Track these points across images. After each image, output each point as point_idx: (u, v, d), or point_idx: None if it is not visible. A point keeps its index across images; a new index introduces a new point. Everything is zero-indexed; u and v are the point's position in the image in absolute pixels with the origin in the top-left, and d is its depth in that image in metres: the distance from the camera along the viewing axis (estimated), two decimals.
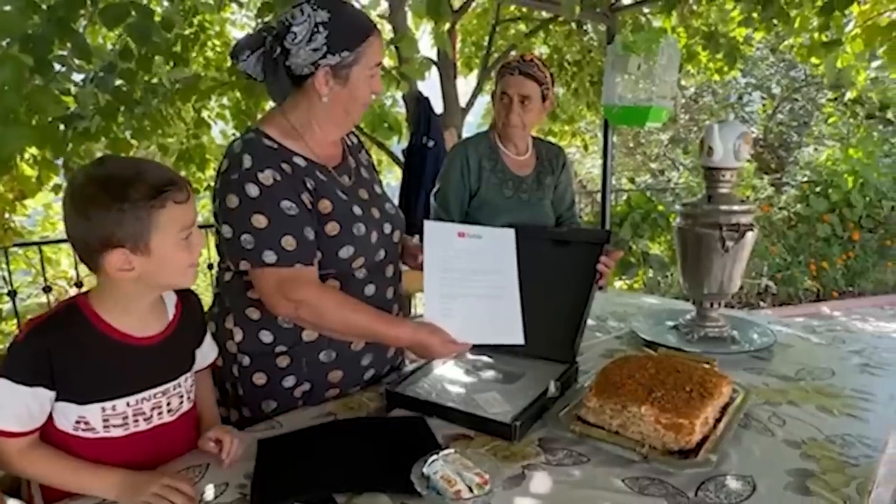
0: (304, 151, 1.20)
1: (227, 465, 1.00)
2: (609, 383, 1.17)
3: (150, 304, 0.98)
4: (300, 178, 1.16)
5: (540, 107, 1.80)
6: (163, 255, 0.90)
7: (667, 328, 1.73)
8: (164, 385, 0.99)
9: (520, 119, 1.77)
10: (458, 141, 1.92)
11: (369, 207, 1.27)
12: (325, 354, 1.24)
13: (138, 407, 0.96)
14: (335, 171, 1.25)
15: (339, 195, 1.21)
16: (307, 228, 1.14)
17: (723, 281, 1.61)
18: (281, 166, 1.14)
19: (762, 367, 1.46)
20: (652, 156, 9.40)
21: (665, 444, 1.05)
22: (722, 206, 1.58)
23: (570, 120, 5.60)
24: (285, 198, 1.12)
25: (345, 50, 1.13)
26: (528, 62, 1.78)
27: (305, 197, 1.16)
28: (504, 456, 1.05)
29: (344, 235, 1.19)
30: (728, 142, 1.54)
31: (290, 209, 1.13)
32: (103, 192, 0.86)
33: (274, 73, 1.17)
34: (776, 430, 1.14)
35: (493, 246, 1.35)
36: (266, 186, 1.11)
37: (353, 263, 1.22)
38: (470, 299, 1.26)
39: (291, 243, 1.12)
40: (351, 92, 1.17)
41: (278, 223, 1.11)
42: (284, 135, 1.20)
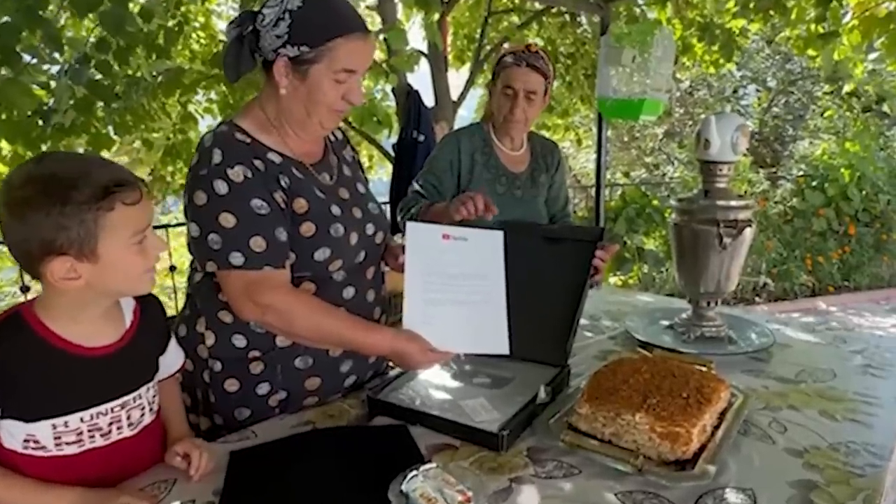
0: (279, 147, 1.14)
1: (195, 481, 0.94)
2: (602, 389, 1.11)
3: (103, 312, 0.91)
4: (273, 175, 1.10)
5: (542, 101, 1.73)
6: (113, 261, 0.83)
7: (662, 328, 1.68)
8: (122, 397, 0.93)
9: (523, 114, 1.70)
10: (451, 131, 1.84)
11: (350, 207, 1.21)
12: (300, 360, 1.17)
13: (94, 422, 0.90)
14: (314, 168, 1.18)
15: (316, 194, 1.15)
16: (279, 229, 1.08)
17: (720, 279, 1.55)
18: (253, 162, 1.07)
19: (761, 368, 1.41)
20: (647, 150, 9.35)
21: (660, 453, 0.99)
22: (719, 201, 1.52)
23: (564, 113, 5.54)
24: (256, 196, 1.06)
25: (304, 44, 1.05)
26: (534, 53, 1.69)
27: (279, 195, 1.09)
28: (490, 468, 0.99)
29: (320, 237, 1.12)
30: (725, 134, 1.48)
31: (261, 208, 1.06)
32: (42, 193, 0.78)
33: (238, 50, 1.10)
34: (777, 438, 1.08)
35: (480, 249, 1.28)
36: (236, 184, 1.05)
37: (330, 266, 1.15)
38: (453, 305, 1.20)
39: (261, 244, 1.05)
40: (310, 91, 1.09)
41: (247, 223, 1.04)
42: (260, 128, 1.13)
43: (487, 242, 1.31)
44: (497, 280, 1.28)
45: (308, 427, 1.13)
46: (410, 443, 1.05)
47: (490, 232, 1.32)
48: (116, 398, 0.92)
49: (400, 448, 1.03)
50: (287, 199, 1.10)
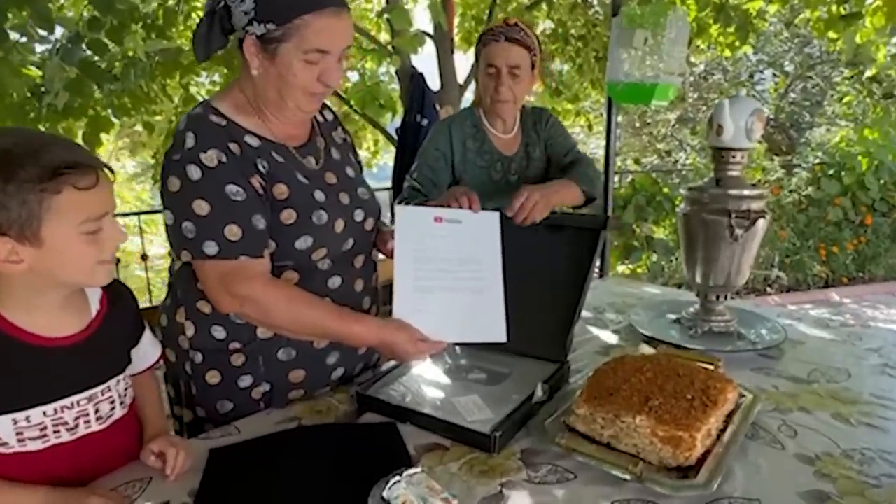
0: (259, 129, 1.08)
1: (172, 480, 0.90)
2: (601, 388, 1.05)
3: (62, 301, 0.86)
4: (251, 159, 1.04)
5: (530, 76, 1.63)
6: (59, 248, 0.78)
7: (668, 322, 1.61)
8: (89, 390, 0.88)
9: (510, 92, 1.60)
10: (441, 119, 1.75)
11: (336, 193, 1.14)
12: (283, 352, 1.13)
13: (58, 416, 0.85)
14: (298, 151, 1.12)
15: (298, 179, 1.09)
16: (256, 216, 1.02)
17: (730, 272, 1.48)
18: (228, 146, 1.01)
19: (771, 366, 1.34)
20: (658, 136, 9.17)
21: (662, 459, 0.94)
22: (731, 190, 1.44)
23: (574, 98, 5.41)
24: (231, 181, 1.00)
25: (270, 22, 0.98)
26: (512, 27, 1.59)
27: (256, 181, 1.03)
28: (481, 471, 0.94)
29: (301, 224, 1.07)
30: (740, 120, 1.40)
31: (236, 194, 1.00)
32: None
33: (208, 27, 1.03)
34: (787, 443, 1.02)
35: (475, 232, 1.22)
36: (209, 168, 0.99)
37: (314, 255, 1.09)
38: (446, 292, 1.14)
39: (236, 233, 1.00)
40: (280, 72, 1.02)
41: (222, 210, 0.99)
42: (238, 110, 1.07)
43: (483, 224, 1.24)
44: (493, 264, 1.22)
45: (293, 423, 1.09)
46: (398, 443, 1.00)
47: (486, 213, 1.26)
48: (82, 391, 0.87)
49: (387, 448, 0.99)
50: (266, 185, 1.04)
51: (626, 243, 4.62)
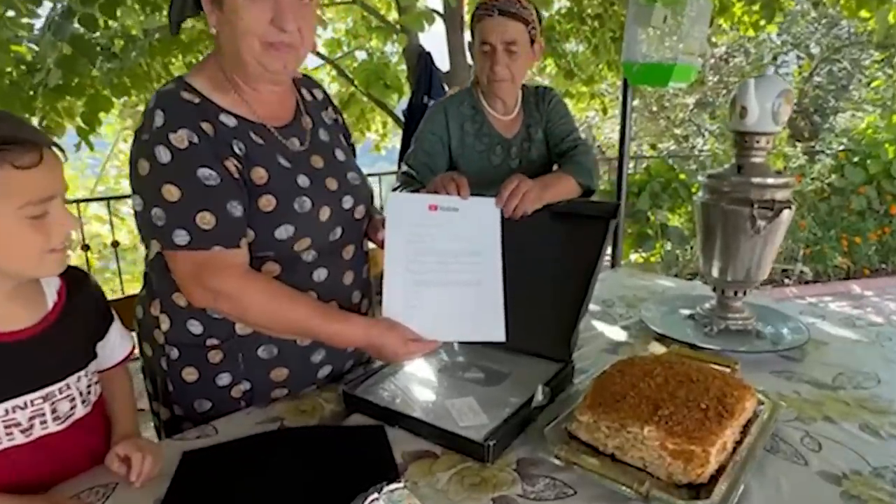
0: (237, 108, 0.99)
1: (137, 487, 0.83)
2: (606, 394, 0.97)
3: (11, 292, 0.80)
4: (225, 140, 0.95)
5: (529, 52, 1.51)
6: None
7: (682, 318, 1.51)
8: (45, 388, 0.82)
9: (507, 70, 1.49)
10: (437, 100, 1.64)
11: (323, 178, 1.06)
12: (264, 350, 1.05)
13: (10, 417, 0.79)
14: (280, 132, 1.03)
15: (278, 163, 1.00)
16: (231, 203, 0.94)
17: (750, 267, 1.38)
18: (200, 126, 0.93)
19: (793, 369, 1.24)
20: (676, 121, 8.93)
21: (671, 474, 0.85)
22: (754, 178, 1.33)
23: (590, 80, 5.23)
24: (203, 164, 0.92)
25: None
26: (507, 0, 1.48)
27: (231, 164, 0.95)
28: (472, 483, 0.86)
29: (282, 212, 0.98)
30: (766, 101, 1.28)
31: (209, 179, 0.92)
32: None
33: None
34: (810, 458, 0.93)
35: (473, 220, 1.13)
36: (179, 150, 0.91)
37: (296, 245, 1.01)
38: (441, 287, 1.06)
39: (209, 221, 0.92)
40: (230, 20, 0.92)
41: (193, 196, 0.91)
42: (214, 87, 0.99)
43: (482, 212, 1.15)
44: (493, 256, 1.13)
45: (275, 424, 1.02)
46: (384, 449, 0.93)
47: (485, 199, 1.17)
48: (36, 389, 0.81)
49: (372, 455, 0.92)
50: (242, 168, 0.96)
51: (639, 231, 4.49)
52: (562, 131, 1.66)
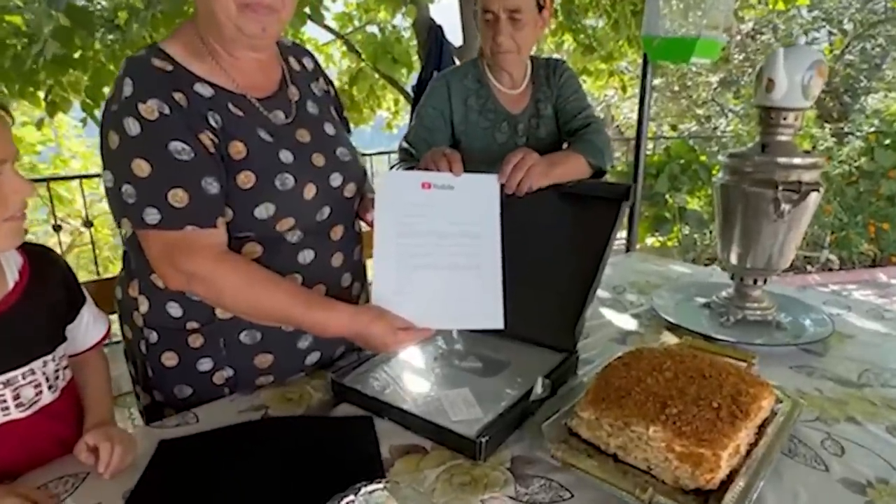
0: (214, 76, 0.92)
1: (107, 478, 0.79)
2: (610, 389, 0.90)
3: None
4: (199, 112, 0.89)
5: (536, 18, 1.40)
6: None
7: (697, 307, 1.43)
8: (6, 373, 0.77)
9: (511, 41, 1.39)
10: (439, 73, 1.56)
11: (309, 153, 0.99)
12: (246, 335, 1.00)
13: None
14: (262, 103, 0.97)
15: (259, 136, 0.93)
16: (207, 179, 0.88)
17: (772, 254, 1.29)
18: (172, 96, 0.86)
19: (815, 364, 1.16)
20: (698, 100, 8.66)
21: (677, 478, 0.78)
22: (780, 158, 1.23)
23: (609, 57, 5.06)
24: (175, 138, 0.85)
25: None
26: None
27: (207, 137, 0.88)
28: (461, 483, 0.80)
29: (261, 189, 0.92)
30: (796, 73, 1.18)
31: (182, 153, 0.86)
32: None
33: None
34: (831, 463, 0.85)
35: (470, 199, 1.06)
36: (148, 122, 0.84)
37: (278, 225, 0.95)
38: (435, 271, 0.99)
39: (181, 198, 0.86)
40: None
41: (164, 171, 0.85)
42: (190, 52, 0.92)
43: (480, 190, 1.08)
44: (491, 238, 1.06)
45: (260, 412, 0.97)
46: (370, 443, 0.88)
47: (484, 176, 1.09)
48: None
49: (356, 449, 0.86)
50: (219, 142, 0.90)
51: (656, 214, 4.37)
52: (573, 108, 1.56)
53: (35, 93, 2.72)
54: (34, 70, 2.25)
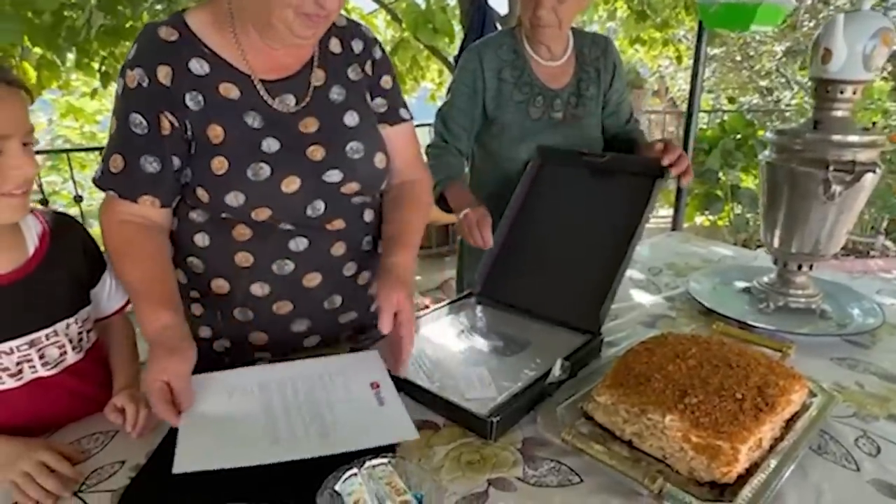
0: (224, 51, 0.92)
1: (134, 438, 0.83)
2: (630, 374, 0.87)
3: None
4: (178, 91, 0.89)
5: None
6: None
7: (735, 291, 1.37)
8: (29, 334, 0.82)
9: (552, 15, 1.32)
10: (473, 44, 1.50)
11: (306, 145, 0.95)
12: (239, 312, 1.02)
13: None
14: (269, 86, 0.94)
15: (243, 122, 0.91)
16: (148, 158, 0.90)
17: (819, 238, 1.21)
18: (156, 69, 0.88)
19: (859, 358, 1.09)
20: (762, 71, 8.13)
21: (692, 470, 0.76)
22: (834, 135, 1.15)
23: (664, 25, 4.80)
24: (138, 110, 0.89)
25: None
26: None
27: (167, 118, 0.89)
28: (469, 461, 0.80)
29: (232, 177, 0.91)
30: (856, 42, 1.08)
31: (137, 126, 0.89)
32: None
33: None
34: (864, 463, 0.81)
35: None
36: (127, 88, 0.90)
37: (253, 213, 0.93)
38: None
39: (118, 165, 0.91)
40: None
41: (118, 136, 0.91)
42: (212, 24, 0.92)
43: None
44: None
45: None
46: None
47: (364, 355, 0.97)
48: (21, 335, 0.81)
49: None
50: (195, 125, 0.90)
51: (707, 191, 4.18)
52: (623, 111, 1.57)
53: (90, 64, 2.83)
54: (87, 41, 2.33)
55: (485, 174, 1.56)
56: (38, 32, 1.90)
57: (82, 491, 0.74)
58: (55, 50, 2.17)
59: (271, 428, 0.80)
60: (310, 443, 0.77)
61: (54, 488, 0.72)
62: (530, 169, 1.36)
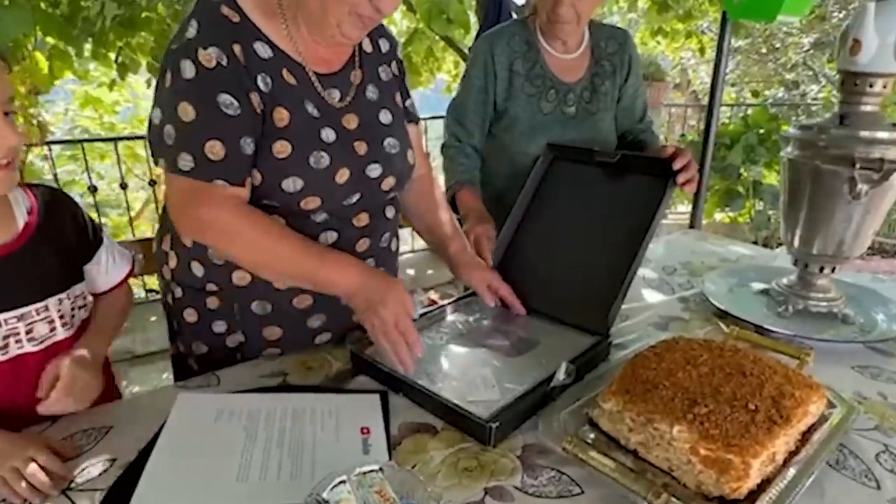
0: (279, 39, 0.91)
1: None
2: (637, 381, 0.84)
3: None
4: (254, 71, 0.88)
5: None
6: None
7: (752, 293, 1.32)
8: (18, 309, 0.81)
9: (572, 10, 1.28)
10: (485, 34, 1.46)
11: (353, 139, 0.97)
12: (258, 305, 1.01)
13: None
14: (320, 78, 0.95)
15: (305, 109, 0.92)
16: (246, 139, 0.87)
17: (843, 239, 1.15)
18: (232, 48, 0.86)
19: (883, 366, 1.04)
20: (787, 64, 7.93)
21: (700, 484, 0.72)
22: (861, 131, 1.09)
23: (687, 16, 4.68)
24: (226, 90, 0.85)
25: None
26: None
27: (255, 98, 0.88)
28: (466, 468, 0.78)
29: (294, 162, 0.90)
30: (888, 32, 1.02)
31: (229, 107, 0.85)
32: None
33: None
34: (885, 480, 0.76)
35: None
36: (205, 69, 0.84)
37: (303, 202, 0.93)
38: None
39: (218, 152, 0.85)
40: None
41: (208, 121, 0.85)
42: (263, 10, 0.91)
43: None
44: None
45: (279, 379, 0.98)
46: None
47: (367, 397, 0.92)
48: (10, 309, 0.80)
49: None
50: (265, 106, 0.89)
51: (728, 188, 4.08)
52: (637, 108, 1.53)
53: (106, 54, 2.84)
54: (103, 31, 2.34)
55: (495, 167, 1.52)
56: (52, 23, 1.90)
57: (71, 489, 0.73)
58: (69, 40, 2.18)
59: (244, 465, 0.75)
60: (277, 487, 0.72)
61: (43, 486, 0.71)
62: (540, 166, 1.32)
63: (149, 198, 5.25)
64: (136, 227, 4.15)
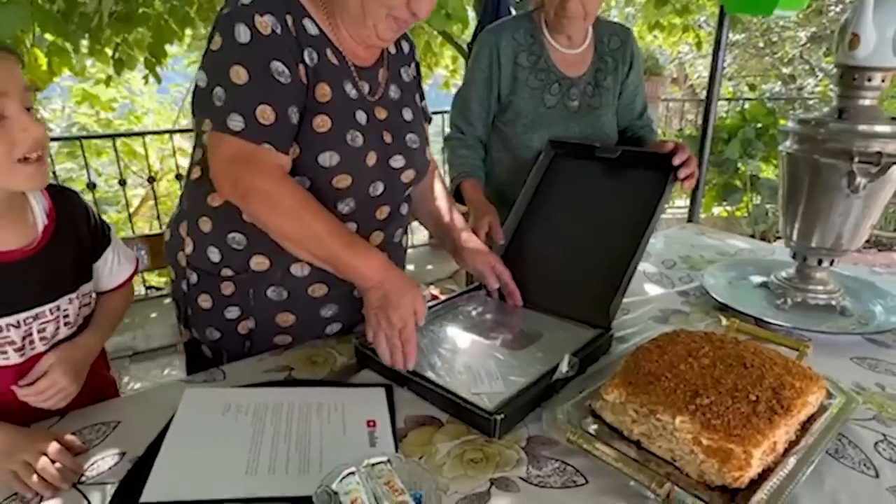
0: (324, 26, 0.94)
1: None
2: (640, 373, 0.85)
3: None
4: (303, 44, 0.90)
5: None
6: None
7: (751, 286, 1.33)
8: (36, 308, 0.82)
9: (580, 7, 1.29)
10: (488, 28, 1.47)
11: (381, 129, 1.00)
12: (273, 291, 1.02)
13: (5, 335, 0.80)
14: (356, 69, 0.98)
15: (345, 87, 0.95)
16: (293, 108, 0.89)
17: (841, 233, 1.16)
18: (286, 18, 0.87)
19: (881, 357, 1.05)
20: (785, 58, 7.93)
21: (702, 474, 0.74)
22: (860, 125, 1.10)
23: (684, 10, 4.67)
24: (279, 58, 0.86)
25: None
26: None
27: (302, 70, 0.89)
28: (472, 459, 0.79)
29: (333, 137, 0.93)
30: (887, 26, 1.03)
31: (281, 75, 0.87)
32: None
33: None
34: (883, 469, 0.77)
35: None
36: (261, 35, 0.85)
37: (335, 179, 0.95)
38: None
39: (268, 116, 0.86)
40: None
41: (260, 85, 0.86)
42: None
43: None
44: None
45: (284, 373, 0.99)
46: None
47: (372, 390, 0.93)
48: (26, 309, 0.81)
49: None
50: (309, 80, 0.91)
51: (725, 182, 4.10)
52: (637, 104, 1.54)
53: (103, 50, 2.83)
54: (100, 27, 2.33)
55: (499, 159, 1.53)
56: (49, 19, 1.89)
57: (82, 483, 0.74)
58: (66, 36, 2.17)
59: (253, 458, 0.76)
60: (286, 480, 0.73)
61: (54, 479, 0.72)
62: (542, 161, 1.33)
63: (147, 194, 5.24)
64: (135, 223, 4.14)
